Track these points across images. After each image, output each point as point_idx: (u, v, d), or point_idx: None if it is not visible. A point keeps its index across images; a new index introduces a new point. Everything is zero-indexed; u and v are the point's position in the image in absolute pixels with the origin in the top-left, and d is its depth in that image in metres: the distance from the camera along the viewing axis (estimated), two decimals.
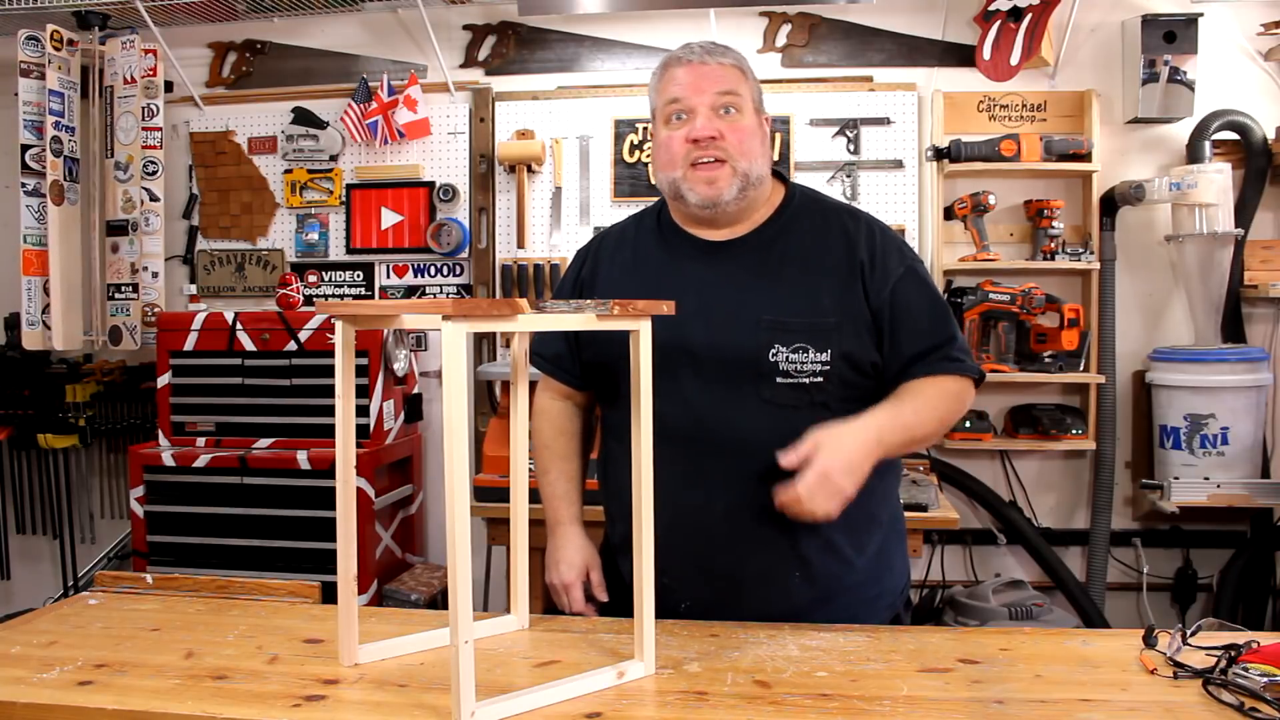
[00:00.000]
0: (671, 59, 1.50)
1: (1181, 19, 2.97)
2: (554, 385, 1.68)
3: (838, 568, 1.49)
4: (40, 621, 1.45)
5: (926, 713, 1.08)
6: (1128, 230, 3.12)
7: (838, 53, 3.23)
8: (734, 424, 1.43)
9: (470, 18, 3.35)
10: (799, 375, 1.42)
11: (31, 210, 3.20)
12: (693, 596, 1.48)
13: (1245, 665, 1.12)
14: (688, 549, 1.45)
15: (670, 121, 1.48)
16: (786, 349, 1.42)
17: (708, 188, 1.45)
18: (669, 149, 1.48)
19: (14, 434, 3.47)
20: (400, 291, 3.41)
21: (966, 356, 1.49)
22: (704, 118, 1.45)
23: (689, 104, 1.45)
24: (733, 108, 1.46)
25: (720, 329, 1.45)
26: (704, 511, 1.45)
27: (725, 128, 1.45)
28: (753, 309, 1.45)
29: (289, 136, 3.39)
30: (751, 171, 1.46)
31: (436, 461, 3.38)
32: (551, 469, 1.65)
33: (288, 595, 1.56)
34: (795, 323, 1.43)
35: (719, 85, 1.45)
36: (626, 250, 1.60)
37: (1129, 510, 3.22)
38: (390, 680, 1.19)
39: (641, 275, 1.56)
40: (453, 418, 1.04)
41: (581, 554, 1.59)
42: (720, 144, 1.44)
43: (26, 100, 3.17)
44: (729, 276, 1.49)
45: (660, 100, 1.50)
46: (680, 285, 1.47)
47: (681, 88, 1.46)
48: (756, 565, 1.46)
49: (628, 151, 3.25)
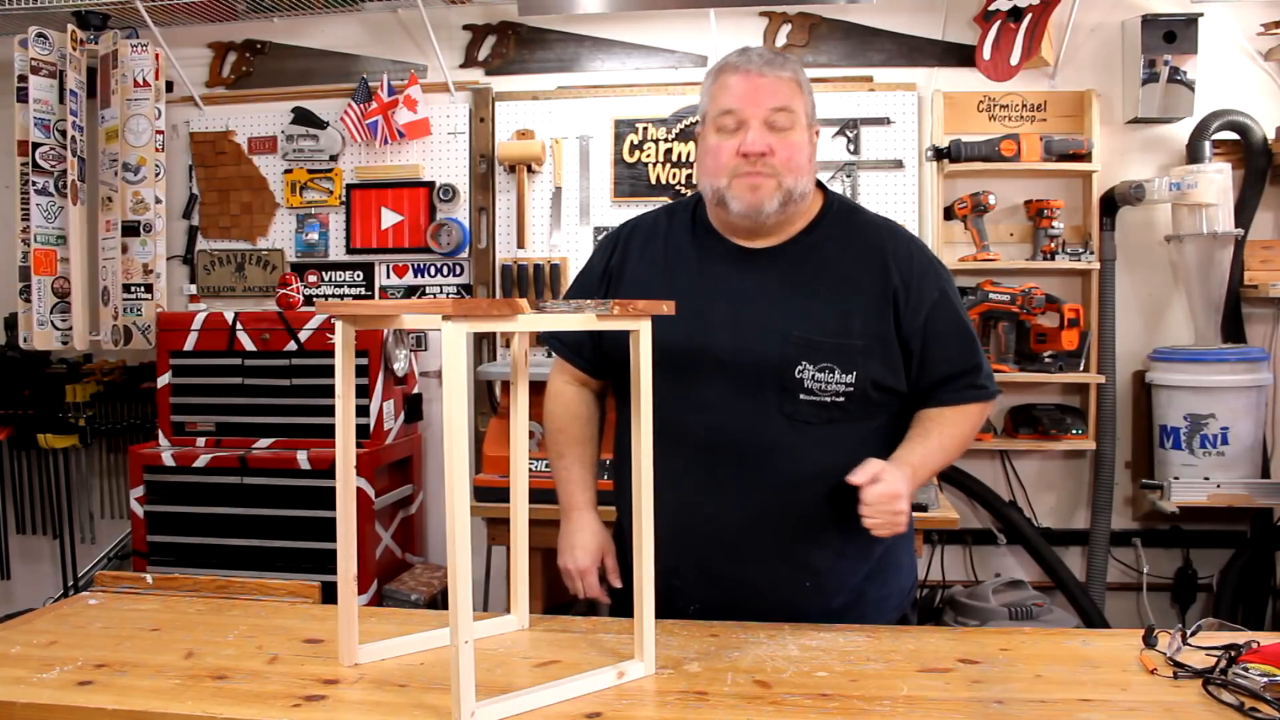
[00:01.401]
0: (728, 65, 1.46)
1: (1181, 19, 2.97)
2: (569, 369, 1.66)
3: (846, 574, 1.50)
4: (40, 621, 1.45)
5: (926, 713, 1.08)
6: (1128, 230, 3.12)
7: (838, 53, 3.23)
8: (753, 434, 1.43)
9: (470, 18, 3.35)
10: (822, 394, 1.42)
11: (41, 209, 3.19)
12: (702, 599, 1.48)
13: (1245, 665, 1.12)
14: (699, 554, 1.46)
15: (722, 130, 1.45)
16: (813, 367, 1.42)
17: (751, 194, 1.43)
18: (717, 157, 1.45)
19: (14, 434, 3.46)
20: (400, 291, 3.41)
21: (990, 382, 1.52)
22: (756, 131, 1.42)
23: (742, 116, 1.42)
24: (785, 124, 1.43)
25: (749, 339, 1.44)
26: (718, 518, 1.45)
27: (776, 143, 1.42)
28: (783, 323, 1.44)
29: (289, 136, 3.39)
30: (796, 188, 1.45)
31: (436, 461, 3.38)
32: (566, 454, 1.63)
33: (288, 595, 1.56)
34: (825, 343, 1.43)
35: (774, 100, 1.42)
36: (658, 244, 1.58)
37: (1129, 510, 3.22)
38: (390, 680, 1.19)
39: (672, 275, 1.53)
40: (453, 418, 1.04)
41: (596, 539, 1.58)
42: (769, 160, 1.42)
43: (37, 99, 3.16)
44: (761, 286, 1.47)
45: (713, 108, 1.47)
46: (711, 291, 1.47)
47: (736, 99, 1.43)
48: (768, 574, 1.46)
49: (628, 151, 3.25)
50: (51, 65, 3.19)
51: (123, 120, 3.23)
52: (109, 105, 3.27)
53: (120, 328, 3.25)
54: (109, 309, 3.29)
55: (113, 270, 3.28)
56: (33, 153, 3.17)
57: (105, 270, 3.30)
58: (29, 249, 3.22)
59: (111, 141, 3.27)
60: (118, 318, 3.26)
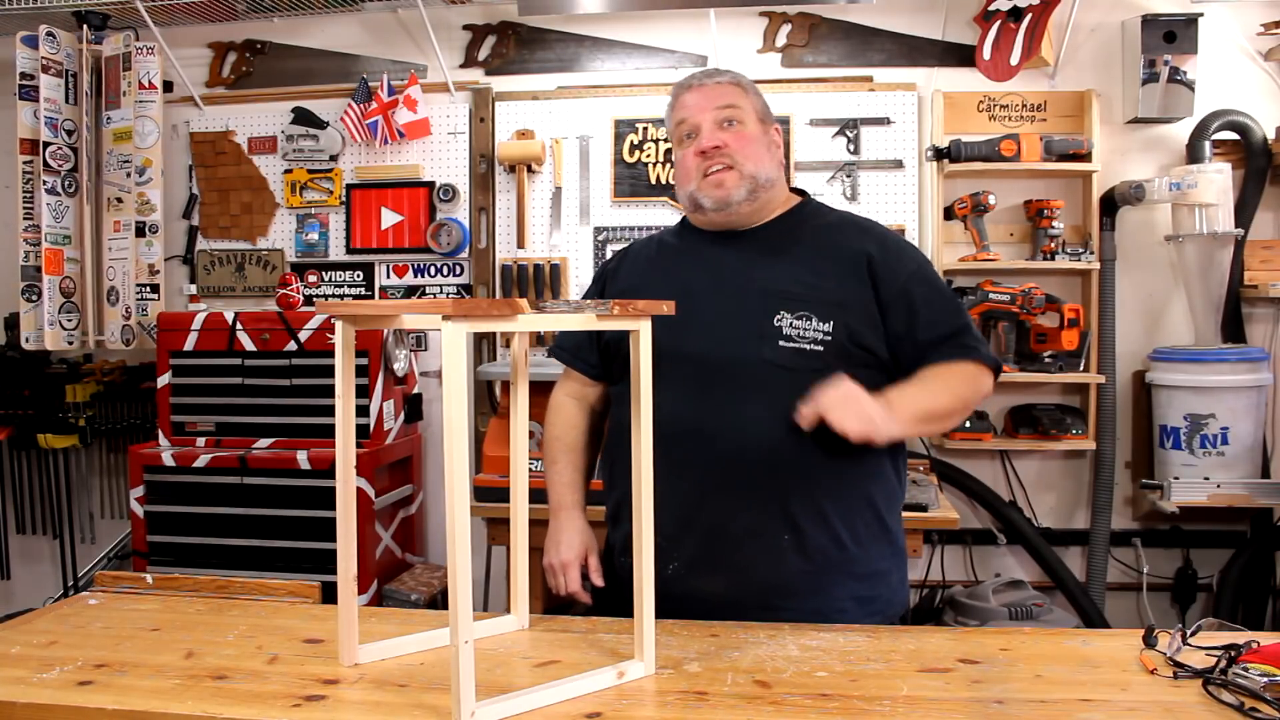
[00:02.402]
0: (680, 86, 1.65)
1: (1181, 19, 2.97)
2: (571, 381, 1.76)
3: (827, 541, 1.49)
4: (40, 621, 1.45)
5: (926, 713, 1.08)
6: (1128, 230, 3.12)
7: (838, 53, 3.23)
8: (734, 379, 1.50)
9: (470, 18, 3.35)
10: (801, 341, 1.49)
11: (51, 209, 3.19)
12: (682, 556, 1.50)
13: (1245, 665, 1.12)
14: (678, 502, 1.47)
15: (683, 141, 1.62)
16: (791, 315, 1.50)
17: (717, 190, 1.57)
18: (684, 166, 1.61)
19: (14, 434, 3.46)
20: (400, 291, 3.41)
21: (981, 345, 1.56)
22: (708, 131, 1.58)
23: (695, 122, 1.60)
24: (735, 119, 1.59)
25: (729, 298, 1.54)
26: (697, 466, 1.49)
27: (729, 138, 1.57)
28: (760, 280, 1.54)
29: (289, 136, 3.39)
30: (759, 174, 1.57)
31: (436, 461, 3.38)
32: (560, 459, 1.72)
33: (288, 595, 1.56)
34: (800, 293, 1.51)
35: (719, 100, 1.59)
36: (651, 248, 1.74)
37: (1129, 510, 3.22)
38: (390, 680, 1.19)
39: (660, 264, 1.68)
40: (453, 418, 1.04)
41: (581, 536, 1.65)
42: (725, 151, 1.57)
43: (47, 97, 3.16)
44: (740, 254, 1.59)
45: (672, 124, 1.65)
46: (695, 265, 1.61)
47: (688, 109, 1.61)
48: (746, 520, 1.48)
49: (628, 151, 3.25)
50: (59, 64, 3.19)
51: (134, 121, 3.24)
52: (119, 106, 3.27)
53: (133, 326, 3.26)
54: (118, 309, 3.29)
55: (123, 270, 3.28)
56: (44, 151, 3.17)
57: (113, 270, 3.31)
58: (34, 248, 3.22)
59: (120, 142, 3.27)
60: (130, 317, 3.26)
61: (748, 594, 1.48)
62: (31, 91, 3.19)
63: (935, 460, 3.13)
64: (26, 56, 3.18)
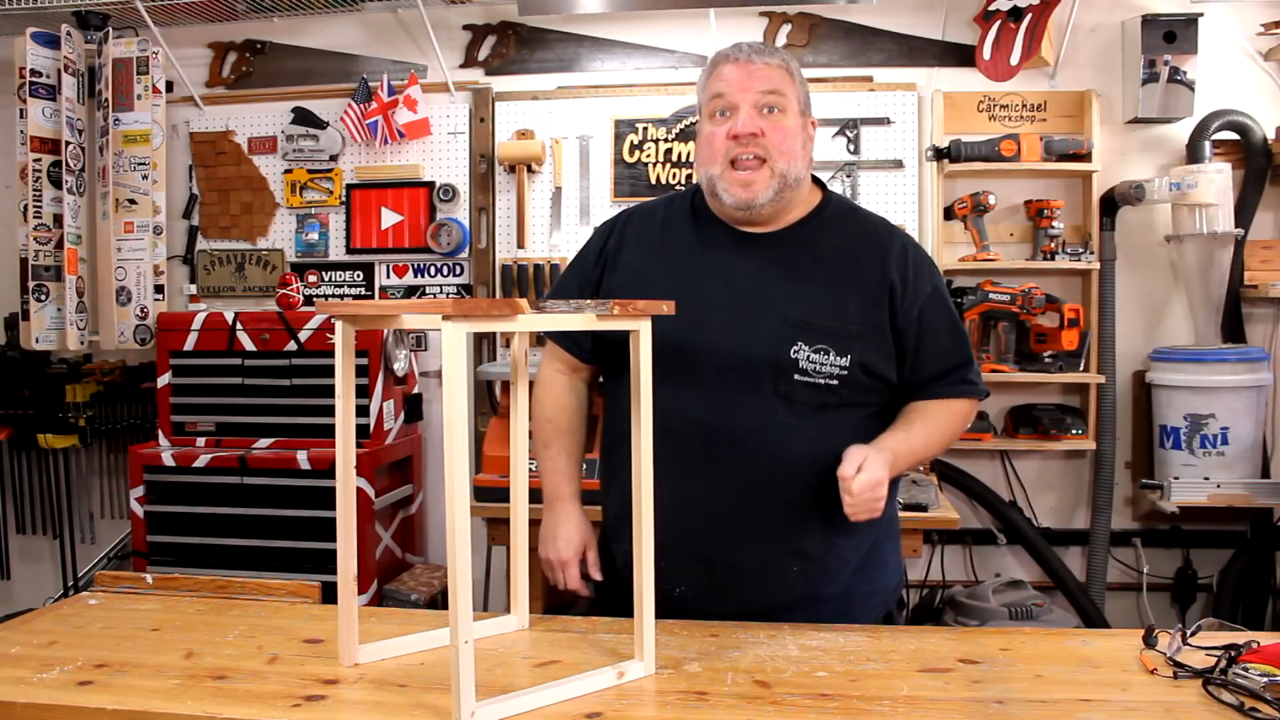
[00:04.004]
0: (720, 56, 1.50)
1: (1181, 19, 2.97)
2: (561, 357, 1.66)
3: (835, 564, 1.50)
4: (40, 621, 1.45)
5: (926, 713, 1.08)
6: (1128, 230, 3.12)
7: (838, 53, 3.23)
8: (747, 414, 1.44)
9: (470, 18, 3.35)
10: (816, 376, 1.44)
11: (69, 208, 3.19)
12: (689, 583, 1.48)
13: (1245, 665, 1.12)
14: (688, 534, 1.45)
15: (715, 117, 1.48)
16: (809, 348, 1.43)
17: (743, 190, 1.46)
18: (711, 144, 1.48)
19: (14, 434, 3.46)
20: (400, 291, 3.41)
21: (978, 379, 1.56)
22: (746, 114, 1.45)
23: (733, 100, 1.46)
24: (776, 108, 1.46)
25: (745, 319, 1.46)
26: (707, 497, 1.46)
27: (767, 126, 1.45)
28: (779, 304, 1.46)
29: (289, 136, 3.39)
30: (790, 172, 1.47)
31: (436, 461, 3.37)
32: (553, 443, 1.63)
33: (288, 595, 1.56)
34: (821, 324, 1.44)
35: (764, 84, 1.46)
36: (654, 228, 1.59)
37: (1129, 510, 3.22)
38: (390, 680, 1.19)
39: (669, 257, 1.55)
40: (453, 418, 1.04)
41: (579, 530, 1.59)
42: (761, 141, 1.45)
43: (66, 96, 3.17)
44: (759, 270, 1.49)
45: (706, 95, 1.50)
46: (709, 272, 1.50)
47: (727, 84, 1.47)
48: (756, 555, 1.47)
49: (628, 151, 3.25)
50: (74, 64, 3.19)
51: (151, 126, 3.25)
52: (130, 109, 3.26)
53: (149, 326, 3.26)
54: (130, 308, 3.28)
55: (136, 270, 3.27)
56: (65, 151, 3.17)
57: (123, 271, 3.30)
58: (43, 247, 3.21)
59: (132, 145, 3.26)
60: (146, 317, 3.26)
61: (751, 614, 1.45)
62: (42, 90, 3.19)
63: (935, 460, 3.13)
64: (42, 55, 3.17)
